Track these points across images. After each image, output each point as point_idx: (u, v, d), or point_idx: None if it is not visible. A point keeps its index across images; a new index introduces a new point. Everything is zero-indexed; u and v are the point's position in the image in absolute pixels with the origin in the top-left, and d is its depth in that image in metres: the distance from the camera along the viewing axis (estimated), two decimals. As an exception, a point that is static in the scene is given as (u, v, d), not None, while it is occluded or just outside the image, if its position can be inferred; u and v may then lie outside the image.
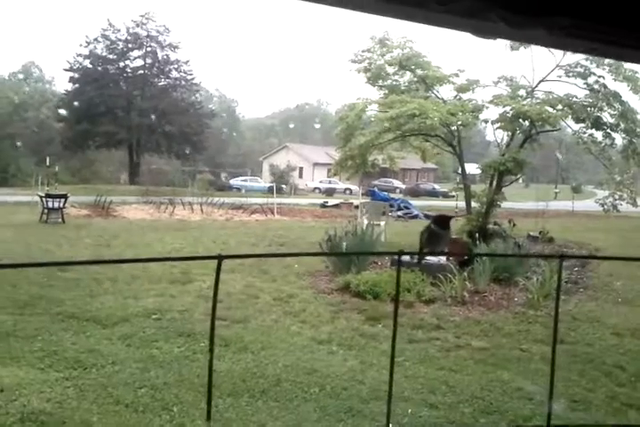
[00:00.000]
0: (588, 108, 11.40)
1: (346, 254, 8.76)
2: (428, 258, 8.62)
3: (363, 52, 12.88)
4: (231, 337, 5.92)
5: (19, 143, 42.35)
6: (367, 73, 12.81)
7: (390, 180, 46.01)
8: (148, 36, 43.74)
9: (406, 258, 8.70)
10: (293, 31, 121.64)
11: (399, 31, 13.97)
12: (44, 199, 15.17)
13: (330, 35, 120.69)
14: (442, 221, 5.83)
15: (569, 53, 11.77)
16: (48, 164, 22.72)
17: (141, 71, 44.18)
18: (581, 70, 11.71)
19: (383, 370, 5.24)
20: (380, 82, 13.10)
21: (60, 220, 14.89)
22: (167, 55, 44.55)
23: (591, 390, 4.91)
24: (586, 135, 11.77)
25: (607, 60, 11.38)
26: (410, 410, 4.39)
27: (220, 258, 0.74)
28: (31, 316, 6.31)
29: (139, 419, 4.10)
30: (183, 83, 45.36)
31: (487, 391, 4.77)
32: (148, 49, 44.06)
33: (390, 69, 12.94)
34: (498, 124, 11.90)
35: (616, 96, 11.42)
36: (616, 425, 4.16)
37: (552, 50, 11.79)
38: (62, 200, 15.16)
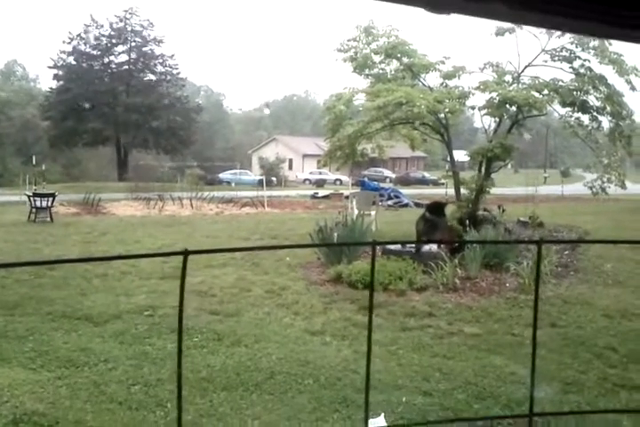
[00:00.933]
0: (575, 92, 11.38)
1: (318, 246, 8.73)
2: (417, 246, 8.64)
3: (348, 41, 12.78)
4: (224, 331, 5.92)
5: (5, 143, 42.01)
6: (353, 62, 12.71)
7: (380, 169, 46.04)
8: (131, 31, 43.36)
9: (397, 247, 8.74)
10: (278, 22, 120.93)
11: (384, 20, 13.91)
12: (31, 199, 15.06)
13: (315, 25, 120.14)
14: (436, 208, 5.80)
15: (554, 38, 11.77)
16: (34, 163, 22.55)
17: (126, 66, 43.83)
18: (567, 54, 11.70)
19: (377, 359, 5.25)
20: (367, 71, 13.01)
21: (48, 219, 14.79)
22: (152, 50, 44.22)
23: (583, 372, 4.94)
24: (572, 119, 11.78)
25: (592, 44, 11.38)
26: (404, 398, 4.41)
27: (186, 253, 0.72)
28: (22, 316, 6.26)
29: (133, 416, 4.08)
30: (169, 77, 45.05)
31: (481, 377, 4.79)
32: (133, 44, 43.68)
33: (376, 58, 12.85)
34: (485, 111, 11.87)
35: (602, 79, 11.42)
36: (596, 411, 4.18)
37: (537, 34, 11.80)
38: (50, 199, 15.05)
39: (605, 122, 11.88)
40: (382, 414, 3.49)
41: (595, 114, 11.62)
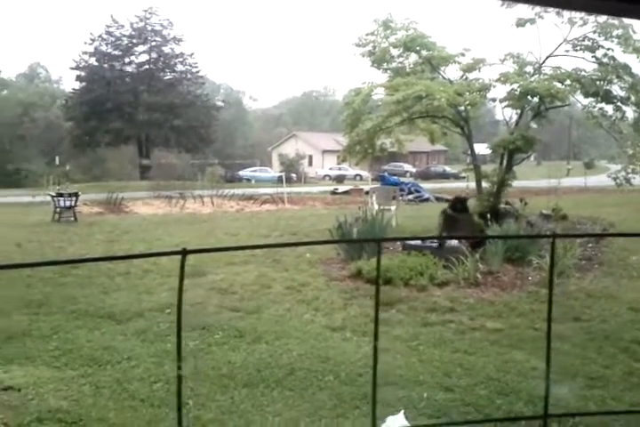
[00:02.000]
0: (598, 82, 11.17)
1: (317, 243, 8.68)
2: (439, 241, 8.57)
3: (366, 35, 12.69)
4: (245, 328, 5.94)
5: (29, 144, 42.70)
6: (372, 56, 12.63)
7: (400, 164, 45.78)
8: (151, 31, 43.70)
9: (418, 242, 8.68)
10: (296, 19, 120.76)
11: (402, 13, 13.79)
12: (55, 199, 15.27)
13: (334, 20, 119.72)
14: (457, 203, 5.72)
15: (576, 27, 11.55)
16: (58, 163, 22.88)
17: (147, 66, 44.20)
18: (589, 43, 11.47)
19: (398, 355, 5.23)
20: (385, 65, 12.91)
21: (72, 218, 14.98)
22: (172, 49, 44.55)
23: (608, 366, 4.86)
24: (596, 109, 11.58)
25: (616, 32, 11.14)
26: (425, 394, 4.38)
27: (184, 253, 0.71)
28: (46, 315, 6.36)
29: (154, 413, 4.12)
30: (189, 76, 45.33)
31: (502, 373, 4.74)
32: (153, 44, 44.03)
33: (395, 52, 12.74)
34: (506, 103, 11.72)
35: (626, 68, 11.19)
36: (614, 411, 4.10)
37: (559, 24, 11.60)
38: (73, 199, 15.24)
39: (630, 112, 11.67)
40: (402, 411, 3.46)
41: (618, 104, 11.39)
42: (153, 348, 5.38)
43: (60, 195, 15.61)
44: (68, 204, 15.13)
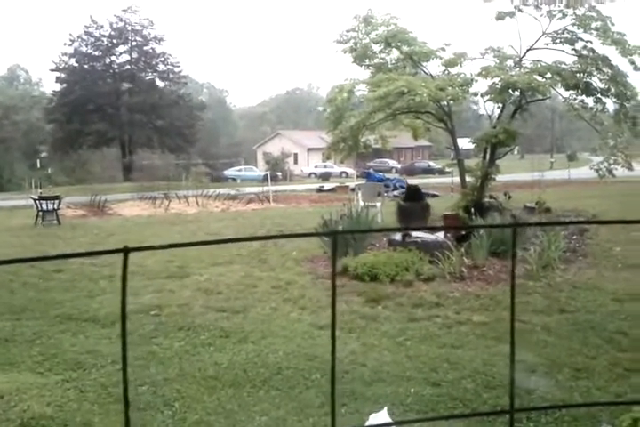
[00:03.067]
0: (578, 74, 11.25)
1: (275, 237, 8.65)
2: (423, 236, 8.59)
3: (347, 31, 12.68)
4: (231, 328, 5.90)
5: (11, 147, 42.20)
6: (353, 53, 12.62)
7: (385, 160, 45.87)
8: (132, 31, 43.36)
9: (399, 237, 8.69)
10: (278, 16, 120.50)
11: (383, 9, 13.75)
12: (37, 202, 15.11)
13: (316, 17, 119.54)
14: (410, 193, 5.66)
15: (555, 20, 11.60)
16: (40, 166, 22.66)
17: (128, 66, 43.87)
18: (568, 36, 11.55)
19: (385, 351, 5.23)
20: (367, 61, 12.91)
21: (55, 221, 14.83)
22: (153, 48, 44.24)
23: (593, 357, 4.88)
24: (577, 102, 11.66)
25: (594, 24, 11.22)
26: (412, 389, 4.37)
27: (126, 251, 0.68)
28: (29, 320, 6.27)
29: (140, 416, 4.07)
30: (171, 75, 45.06)
31: (489, 366, 4.74)
32: (133, 43, 43.69)
33: (376, 48, 12.75)
34: (487, 97, 11.75)
35: (605, 60, 11.27)
36: (581, 404, 4.12)
37: (538, 17, 11.65)
38: (56, 202, 15.09)
39: (610, 103, 11.75)
40: (385, 409, 3.44)
41: (599, 96, 11.48)
42: (138, 350, 5.31)
43: (43, 198, 15.45)
44: (50, 207, 14.98)
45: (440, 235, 8.83)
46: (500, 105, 11.96)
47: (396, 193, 22.38)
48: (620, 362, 4.74)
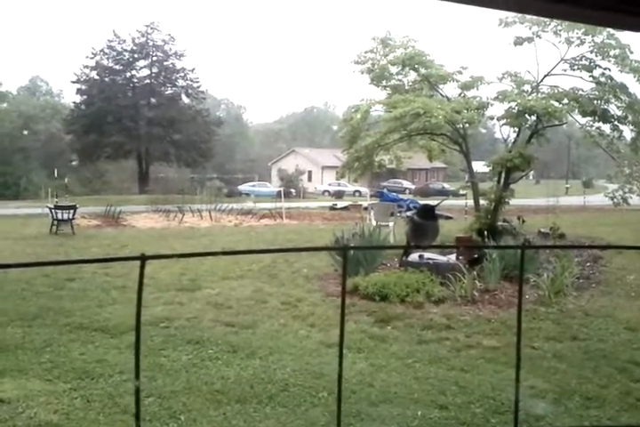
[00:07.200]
0: (595, 101, 11.27)
1: (285, 251, 8.65)
2: (435, 258, 8.56)
3: (365, 52, 12.84)
4: (239, 343, 5.89)
5: (30, 156, 42.78)
6: (371, 73, 12.76)
7: (399, 180, 45.91)
8: (153, 46, 44.03)
9: (415, 258, 8.66)
10: (298, 35, 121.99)
11: (401, 31, 13.90)
12: (53, 211, 15.26)
13: (334, 37, 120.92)
14: (425, 211, 5.63)
15: (573, 46, 11.66)
16: (56, 175, 22.91)
17: (148, 81, 44.45)
18: (586, 63, 11.59)
19: (393, 372, 5.19)
20: (384, 82, 13.04)
21: (69, 231, 14.95)
22: (173, 64, 44.82)
23: (605, 386, 4.81)
24: (593, 128, 11.66)
25: (613, 52, 11.26)
26: (419, 412, 4.33)
27: (143, 258, 0.71)
28: (40, 328, 6.31)
29: (146, 428, 4.07)
30: (190, 91, 45.56)
31: (498, 391, 4.69)
32: (154, 58, 44.34)
33: (393, 69, 12.88)
34: (504, 121, 11.81)
35: (623, 88, 11.29)
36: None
37: (556, 43, 11.71)
38: (71, 211, 15.23)
39: (627, 131, 11.74)
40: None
41: (616, 123, 11.48)
42: (146, 362, 5.31)
43: (59, 207, 15.60)
44: (65, 216, 15.12)
45: (452, 257, 8.80)
46: (517, 129, 12.00)
47: (409, 213, 22.36)
48: (631, 392, 4.67)
